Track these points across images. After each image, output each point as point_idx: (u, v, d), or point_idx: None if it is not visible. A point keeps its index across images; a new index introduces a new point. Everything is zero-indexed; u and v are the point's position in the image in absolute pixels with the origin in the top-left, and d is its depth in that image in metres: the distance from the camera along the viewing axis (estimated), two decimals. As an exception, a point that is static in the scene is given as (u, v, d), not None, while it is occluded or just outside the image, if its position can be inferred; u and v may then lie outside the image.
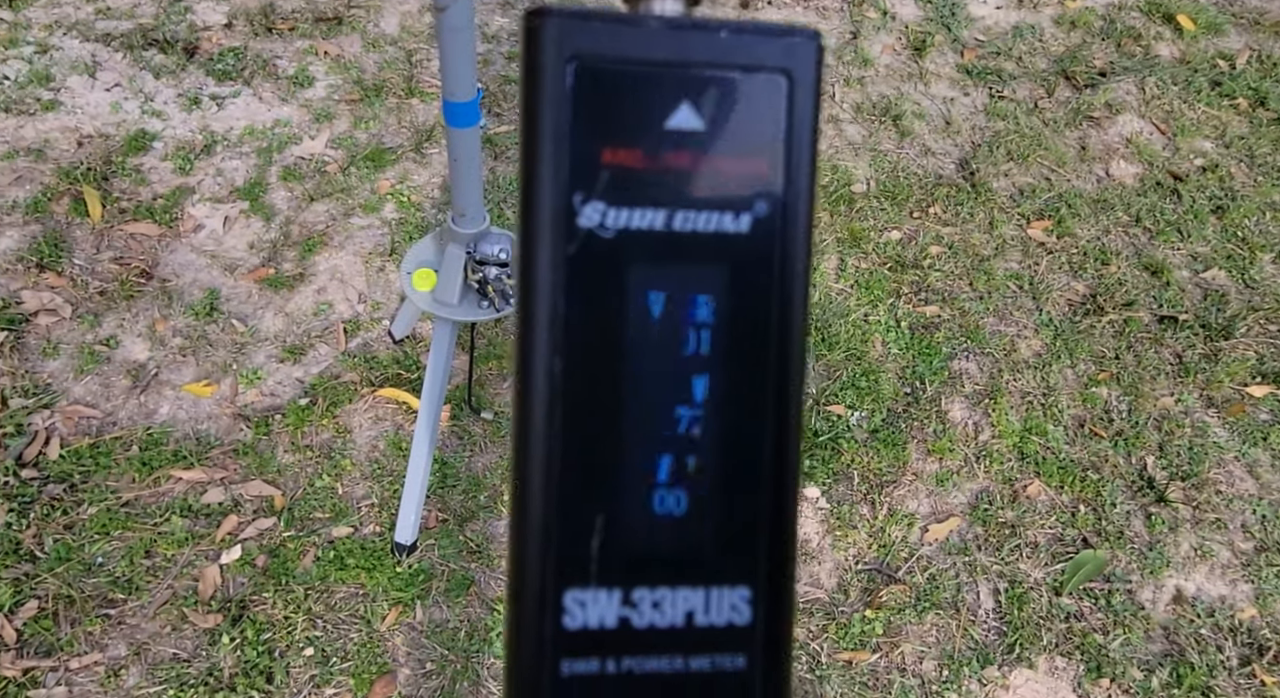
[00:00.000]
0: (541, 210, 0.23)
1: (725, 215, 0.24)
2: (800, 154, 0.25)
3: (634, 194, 0.24)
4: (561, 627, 0.24)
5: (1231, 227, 2.71)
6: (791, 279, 0.25)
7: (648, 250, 0.24)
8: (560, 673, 0.24)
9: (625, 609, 0.24)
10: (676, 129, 0.24)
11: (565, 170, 0.23)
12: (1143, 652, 1.87)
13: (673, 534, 0.24)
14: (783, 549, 0.25)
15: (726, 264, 0.24)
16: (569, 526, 0.24)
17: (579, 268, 0.23)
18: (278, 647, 1.68)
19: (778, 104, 0.25)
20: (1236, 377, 2.33)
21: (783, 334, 0.25)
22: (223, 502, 1.84)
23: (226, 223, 2.31)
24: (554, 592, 0.24)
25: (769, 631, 0.25)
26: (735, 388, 0.24)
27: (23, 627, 1.63)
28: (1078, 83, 3.10)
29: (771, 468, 0.25)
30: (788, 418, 0.25)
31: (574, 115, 0.23)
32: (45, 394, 1.93)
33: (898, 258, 2.48)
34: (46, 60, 2.59)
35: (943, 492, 2.06)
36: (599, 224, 0.24)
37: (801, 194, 0.25)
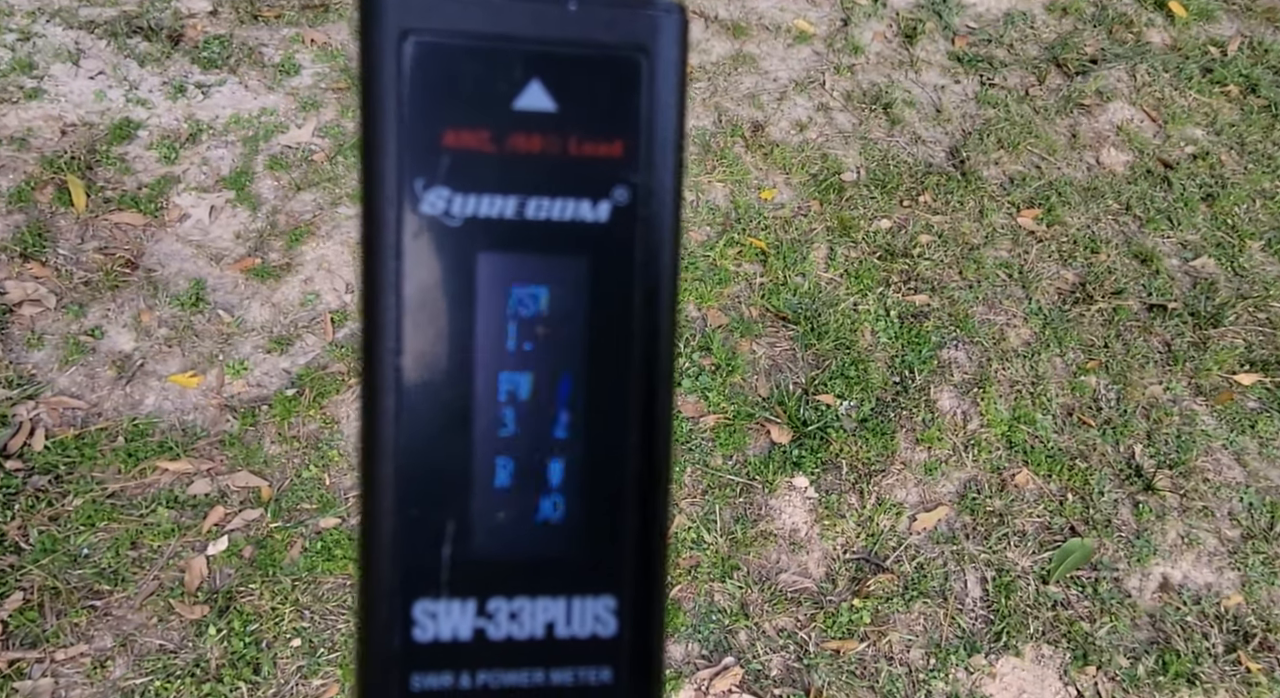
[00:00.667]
0: (382, 197, 0.22)
1: (582, 203, 0.23)
2: (663, 137, 0.23)
3: (482, 179, 0.22)
4: (411, 639, 0.22)
5: (1221, 214, 2.71)
6: (656, 271, 0.23)
7: (498, 240, 0.22)
8: (410, 688, 0.22)
9: (480, 620, 0.23)
10: (526, 110, 0.22)
11: (405, 155, 0.22)
12: (1129, 640, 1.88)
13: (531, 541, 0.23)
14: (652, 555, 0.24)
15: (585, 255, 0.23)
16: (417, 534, 0.22)
17: (424, 257, 0.22)
18: (265, 638, 1.68)
19: (635, 83, 0.23)
20: (1225, 365, 2.33)
21: (648, 329, 0.23)
22: (209, 493, 1.83)
23: (212, 213, 2.29)
24: (403, 603, 0.22)
25: (637, 642, 0.24)
26: (599, 387, 0.23)
27: (8, 619, 1.62)
28: (1069, 70, 3.09)
29: (638, 470, 0.23)
30: (655, 418, 0.24)
31: (413, 94, 0.21)
32: (30, 385, 1.92)
33: (887, 247, 2.47)
34: (29, 48, 2.56)
35: (931, 481, 2.06)
36: (444, 212, 0.22)
37: (666, 180, 0.23)
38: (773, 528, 1.95)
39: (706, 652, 1.77)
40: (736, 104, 2.80)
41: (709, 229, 2.45)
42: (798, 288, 2.35)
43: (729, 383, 2.14)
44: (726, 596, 1.84)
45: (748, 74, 2.90)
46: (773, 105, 2.82)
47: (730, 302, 2.31)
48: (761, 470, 2.01)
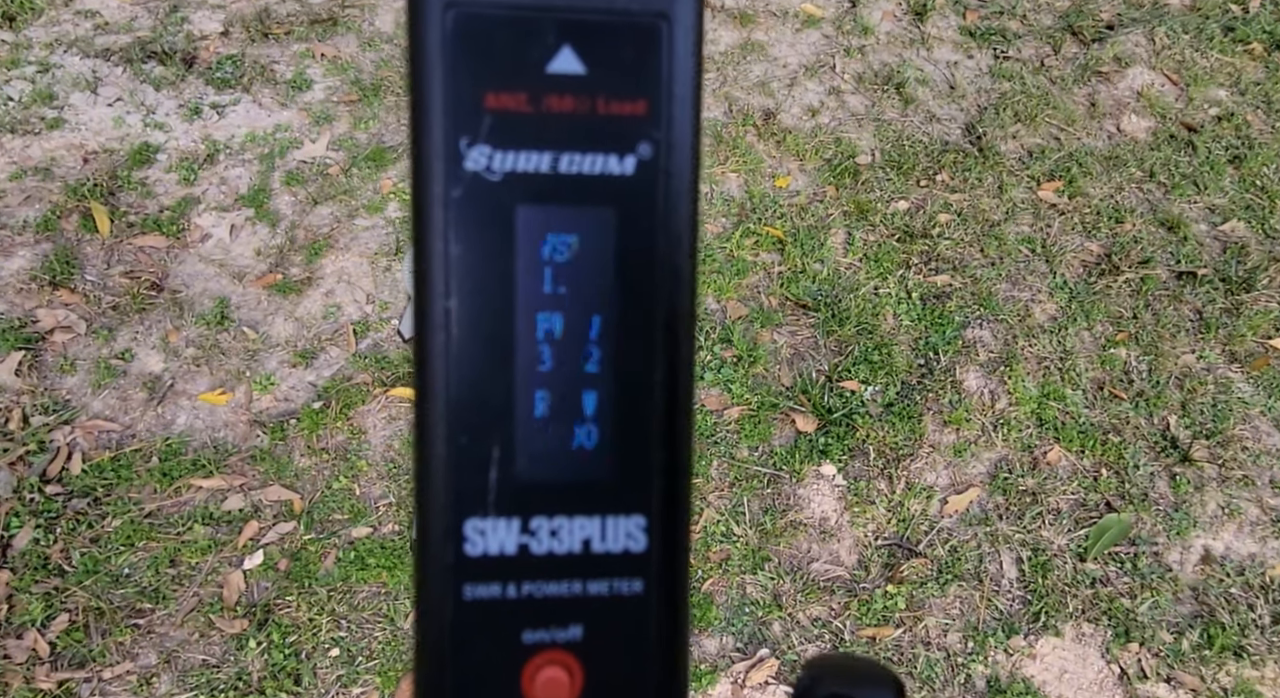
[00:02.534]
0: (429, 155, 0.24)
1: (610, 157, 0.25)
2: (682, 97, 0.25)
3: (519, 137, 0.24)
4: (463, 554, 0.25)
5: (1250, 176, 2.64)
6: (677, 219, 0.25)
7: (535, 193, 0.24)
8: (463, 596, 0.25)
9: (524, 537, 0.25)
10: (558, 73, 0.24)
11: (450, 116, 0.24)
12: (1172, 614, 1.85)
13: (568, 466, 0.25)
14: (677, 478, 0.26)
15: (613, 205, 0.25)
16: (466, 458, 0.25)
17: (468, 211, 0.24)
18: (304, 649, 1.71)
19: (658, 48, 0.25)
20: (1259, 329, 2.28)
21: (671, 271, 0.25)
22: (243, 508, 1.86)
23: (233, 231, 2.32)
24: (455, 521, 0.25)
25: (665, 557, 0.26)
26: (626, 325, 0.25)
27: (55, 640, 1.66)
28: (1085, 38, 3.03)
29: (664, 402, 0.26)
30: (678, 354, 0.26)
31: (455, 61, 0.24)
32: (65, 410, 1.96)
33: (906, 228, 2.45)
34: (49, 79, 2.61)
35: (961, 463, 2.04)
36: (485, 167, 0.24)
37: (685, 136, 0.25)
38: (802, 518, 1.94)
39: (741, 644, 1.77)
40: (747, 93, 2.78)
41: (725, 220, 2.44)
42: (817, 275, 2.33)
43: (751, 374, 2.13)
44: (759, 587, 1.84)
45: (757, 62, 2.88)
46: (783, 92, 2.79)
47: (749, 292, 2.30)
48: (788, 460, 2.00)
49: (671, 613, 0.26)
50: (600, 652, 0.25)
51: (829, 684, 0.27)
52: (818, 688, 0.27)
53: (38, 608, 1.68)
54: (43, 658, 1.64)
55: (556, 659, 0.25)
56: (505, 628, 0.25)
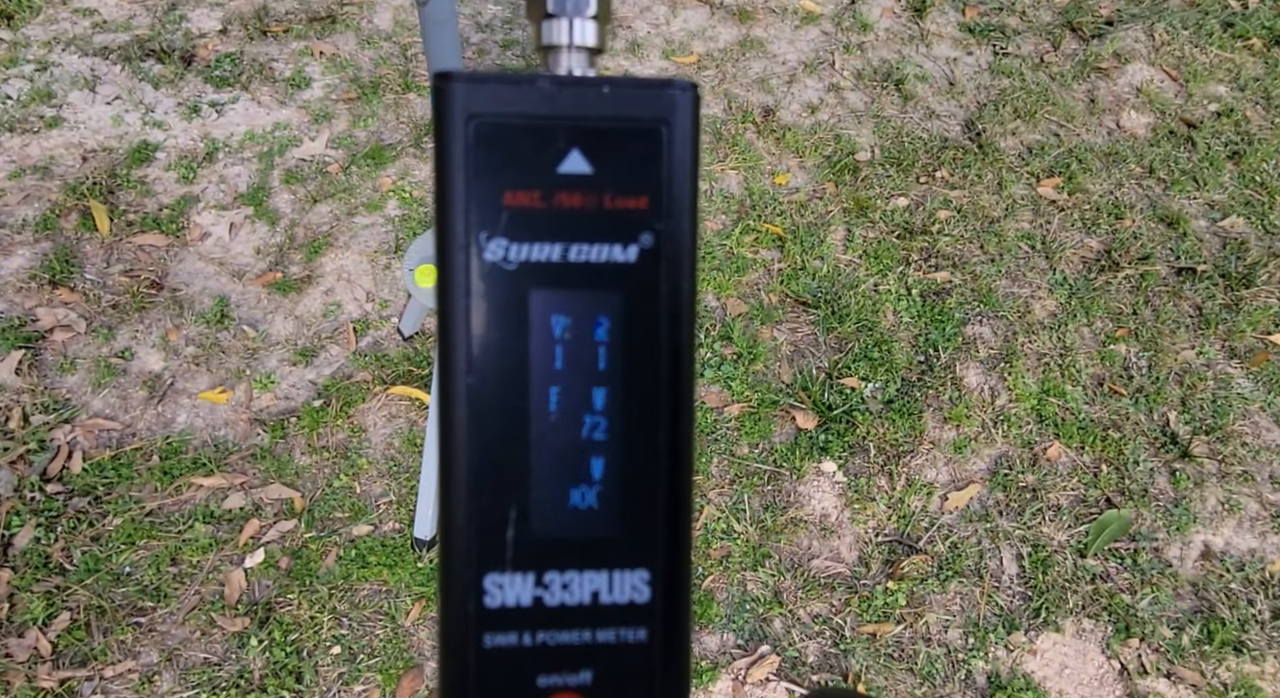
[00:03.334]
0: (453, 248, 0.26)
1: (615, 247, 0.27)
2: (680, 192, 0.28)
3: (533, 231, 0.27)
4: (483, 606, 0.27)
5: (1249, 172, 2.64)
6: (678, 300, 0.28)
7: (547, 279, 0.27)
8: (483, 645, 0.27)
9: (538, 590, 0.27)
10: (568, 173, 0.27)
11: (472, 213, 0.26)
12: (1172, 610, 1.86)
13: (578, 525, 0.28)
14: (679, 535, 0.28)
15: (618, 289, 0.27)
16: (487, 519, 0.27)
17: (487, 296, 0.27)
18: (305, 647, 1.71)
19: (657, 149, 0.27)
20: (1259, 325, 2.28)
21: (672, 348, 0.28)
22: (244, 506, 1.86)
23: (232, 229, 2.32)
24: (476, 576, 0.27)
25: (667, 607, 0.28)
26: (632, 397, 0.28)
27: (56, 639, 1.66)
28: (1084, 34, 3.03)
29: (667, 465, 0.28)
30: (680, 420, 0.28)
31: (477, 164, 0.26)
32: (65, 409, 1.96)
33: (906, 225, 2.45)
34: (47, 77, 2.61)
35: (961, 459, 2.04)
36: (503, 258, 0.27)
37: (683, 226, 0.28)
38: (802, 514, 1.94)
39: (742, 641, 1.78)
40: (746, 90, 2.78)
41: (724, 218, 2.44)
42: (816, 272, 2.33)
43: (751, 371, 2.13)
44: (759, 584, 1.84)
45: (756, 59, 2.87)
46: (783, 89, 2.79)
47: (749, 289, 2.30)
48: (788, 457, 2.00)
49: (673, 659, 0.28)
50: (608, 694, 0.28)
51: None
52: None
53: (39, 607, 1.68)
54: (44, 657, 1.64)
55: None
56: (521, 673, 0.27)
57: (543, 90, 0.27)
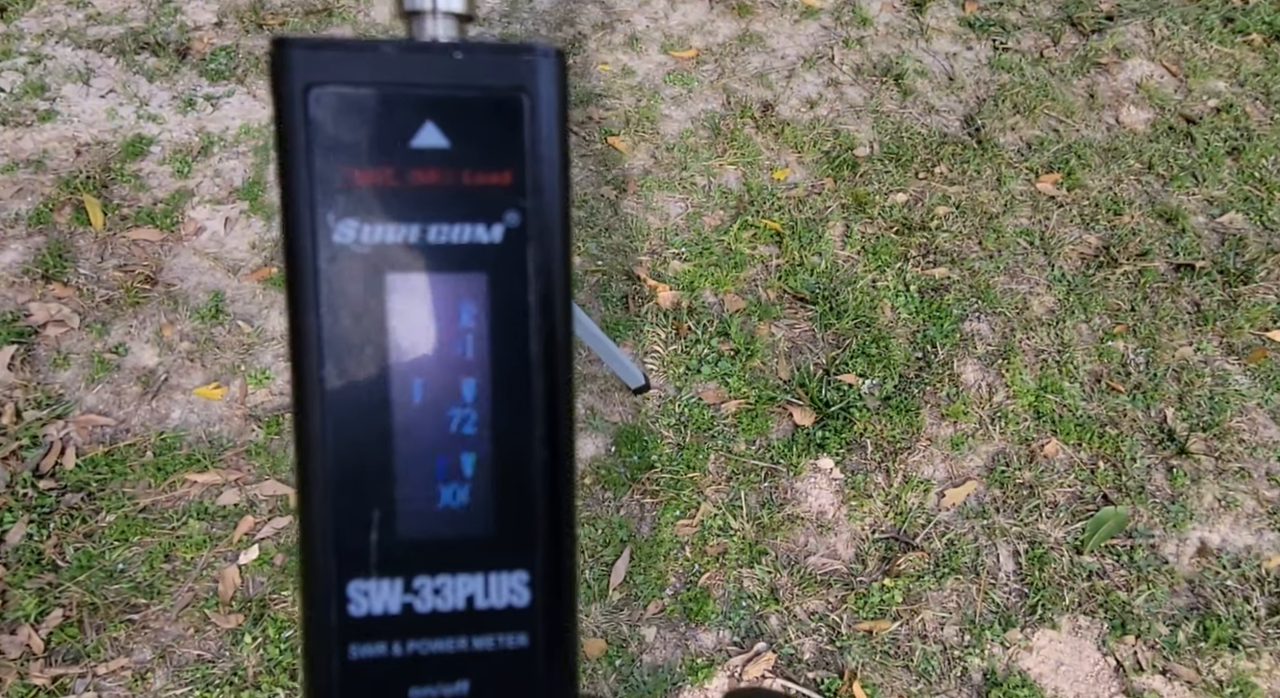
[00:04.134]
0: (299, 230, 0.25)
1: (478, 226, 0.25)
2: (548, 166, 0.26)
3: (387, 211, 0.25)
4: (347, 615, 0.25)
5: (1248, 168, 2.64)
6: (549, 282, 0.26)
7: (405, 262, 0.25)
8: (349, 656, 0.25)
9: (408, 596, 0.26)
10: (423, 147, 0.25)
11: (318, 192, 0.24)
12: (1168, 606, 1.85)
13: (449, 525, 0.26)
14: (559, 534, 0.26)
15: (483, 272, 0.25)
16: (348, 522, 0.25)
17: (338, 281, 0.25)
18: (299, 644, 1.70)
19: (519, 119, 0.25)
20: (1257, 322, 2.28)
21: (545, 333, 0.26)
22: (238, 503, 1.85)
23: (227, 224, 2.31)
24: (339, 583, 0.25)
25: (549, 610, 0.27)
26: (501, 387, 0.26)
27: (49, 636, 1.66)
28: (1084, 29, 3.02)
29: (544, 460, 0.26)
30: (556, 412, 0.26)
31: (320, 139, 0.24)
32: (58, 405, 1.95)
33: (904, 221, 2.44)
34: (40, 70, 2.59)
35: (958, 456, 2.03)
36: (354, 240, 0.25)
37: (552, 203, 0.26)
38: (799, 511, 1.94)
39: (738, 638, 1.77)
40: (744, 84, 2.77)
41: (722, 213, 2.43)
42: (815, 267, 2.32)
43: (749, 367, 2.12)
44: (755, 581, 1.84)
45: (755, 53, 2.86)
46: (781, 83, 2.78)
47: (747, 285, 2.29)
48: (785, 454, 2.00)
49: (557, 665, 0.26)
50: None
51: None
52: None
53: (31, 603, 1.68)
54: (36, 654, 1.63)
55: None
56: (392, 685, 0.26)
57: (388, 56, 0.24)
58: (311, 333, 0.25)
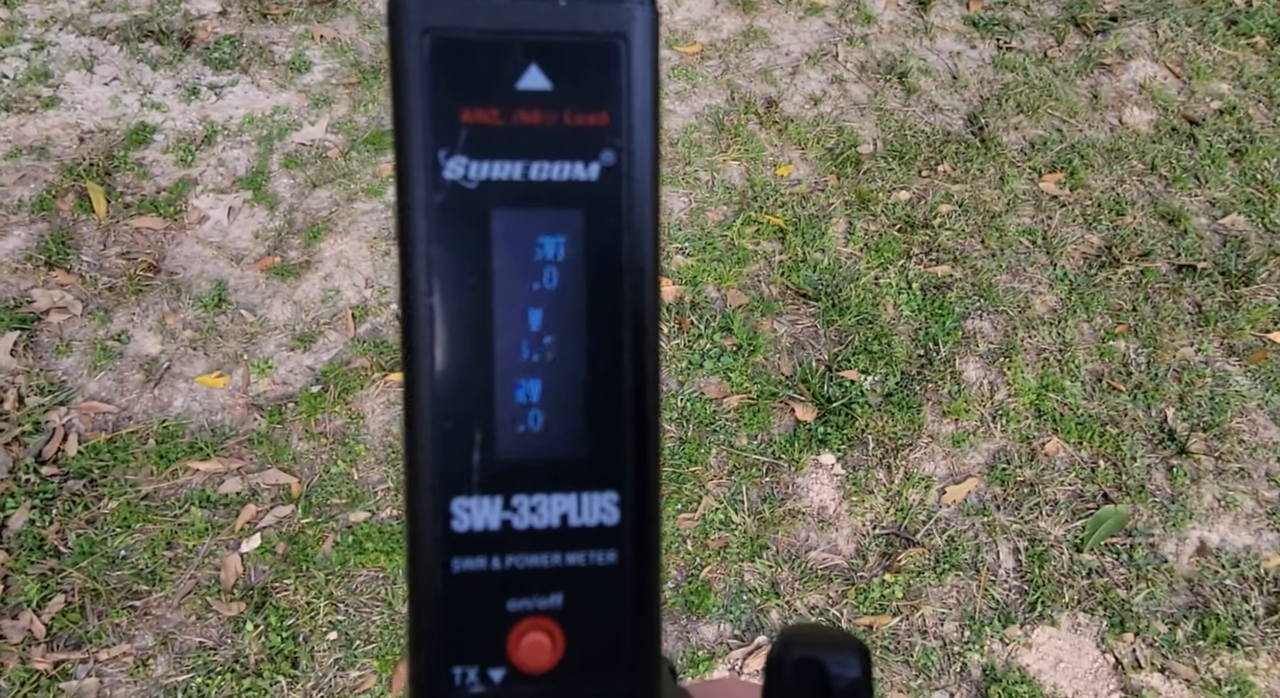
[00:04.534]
0: (411, 166, 0.26)
1: (576, 164, 0.27)
2: (641, 108, 0.27)
3: (493, 148, 0.26)
4: (450, 530, 0.27)
5: (1250, 170, 2.64)
6: (640, 218, 0.27)
7: (508, 198, 0.27)
8: (451, 569, 0.27)
9: (506, 513, 0.27)
10: (527, 89, 0.26)
11: (430, 130, 0.26)
12: (1167, 605, 1.86)
13: (545, 447, 0.27)
14: (646, 458, 0.28)
15: (580, 208, 0.27)
16: (452, 442, 0.27)
17: (447, 215, 0.26)
18: (301, 632, 1.70)
19: (617, 64, 0.27)
20: (1258, 323, 2.29)
21: (636, 267, 0.27)
22: (240, 491, 1.85)
23: (231, 213, 2.31)
24: (442, 500, 0.27)
25: (636, 529, 0.28)
26: (595, 317, 0.27)
27: (51, 621, 1.66)
28: (1088, 29, 3.02)
29: (632, 386, 0.28)
30: (644, 341, 0.28)
31: (433, 81, 0.26)
32: (61, 391, 1.95)
33: (907, 218, 2.44)
34: (44, 57, 2.58)
35: (959, 453, 2.04)
36: (463, 176, 0.26)
37: (645, 144, 0.27)
38: (801, 506, 1.94)
39: (739, 632, 1.78)
40: (749, 81, 2.77)
41: (726, 208, 2.44)
42: (817, 264, 2.32)
43: (751, 363, 2.13)
44: (756, 575, 1.84)
45: (759, 49, 2.86)
46: (786, 80, 2.78)
47: (750, 281, 2.29)
48: (787, 449, 2.00)
49: (643, 580, 0.28)
50: (579, 618, 0.27)
51: (799, 650, 0.29)
52: (789, 654, 0.29)
53: (33, 589, 1.68)
54: (39, 639, 1.63)
55: (539, 625, 0.27)
56: (491, 597, 0.27)
57: (498, 4, 0.26)
58: (421, 262, 0.26)
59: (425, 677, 0.27)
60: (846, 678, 0.28)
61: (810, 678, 0.29)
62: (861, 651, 0.29)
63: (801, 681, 0.29)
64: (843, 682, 0.28)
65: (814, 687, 0.29)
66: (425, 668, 0.27)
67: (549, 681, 0.27)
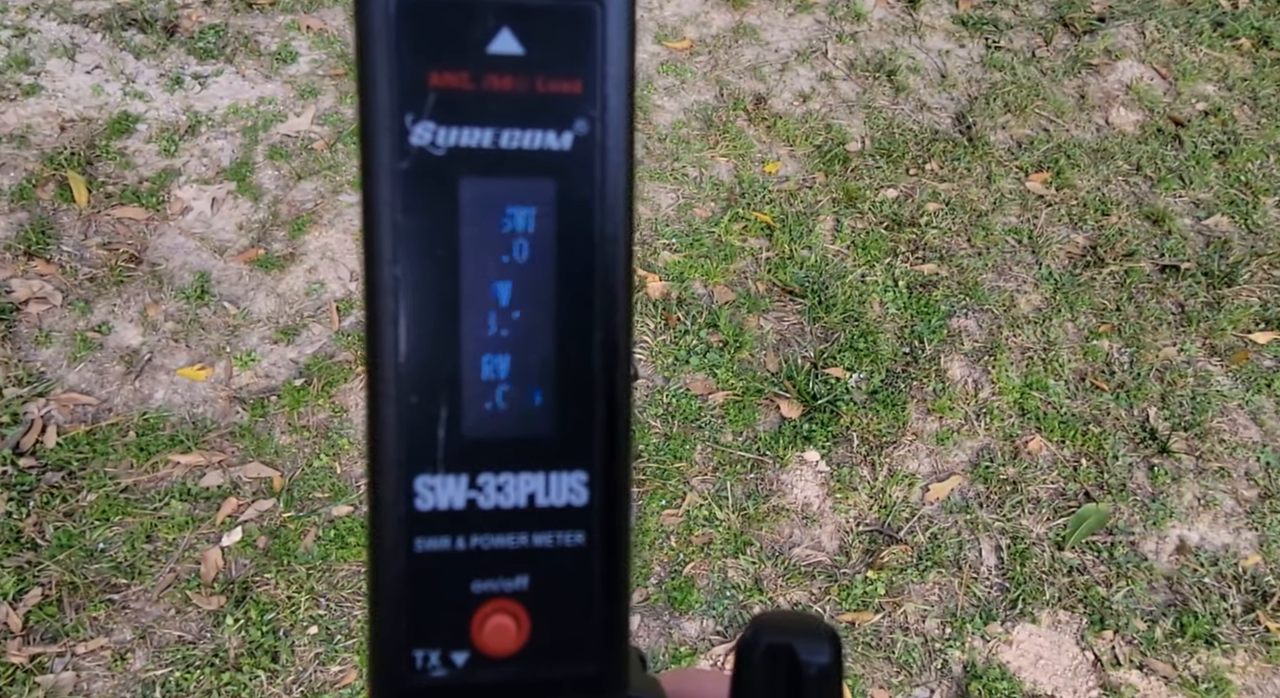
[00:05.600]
0: (377, 130, 0.25)
1: (548, 133, 0.26)
2: (616, 77, 0.26)
3: (462, 114, 0.26)
4: (414, 508, 0.26)
5: (1234, 171, 2.66)
6: (614, 190, 0.27)
7: (477, 166, 0.26)
8: (414, 549, 0.26)
9: (472, 492, 0.26)
10: (498, 53, 0.26)
11: (396, 93, 0.25)
12: (1146, 603, 1.87)
13: (513, 425, 0.27)
14: (616, 436, 0.27)
15: (552, 178, 0.26)
16: (416, 418, 0.26)
17: (413, 182, 0.25)
18: (282, 626, 1.69)
19: (592, 30, 0.26)
20: (1240, 324, 2.30)
21: (609, 240, 0.27)
22: (221, 485, 1.84)
23: (214, 204, 2.29)
24: (406, 478, 0.26)
25: (605, 509, 0.27)
26: (565, 292, 0.27)
27: (28, 614, 1.64)
28: (1076, 29, 3.03)
29: (602, 362, 0.27)
30: (615, 316, 0.27)
31: (400, 42, 0.25)
32: (40, 382, 1.93)
33: (894, 216, 2.44)
34: (25, 44, 2.55)
35: (943, 451, 2.05)
36: (430, 142, 0.25)
37: (619, 114, 0.27)
38: (785, 503, 1.94)
39: (721, 628, 1.78)
40: (738, 77, 2.76)
41: (713, 204, 2.43)
42: (804, 261, 2.32)
43: (737, 359, 2.13)
44: (740, 571, 1.84)
45: (749, 46, 2.86)
46: (775, 77, 2.78)
47: (737, 277, 2.29)
48: (772, 446, 2.00)
49: (612, 563, 0.27)
50: (545, 600, 0.27)
51: (770, 636, 0.29)
52: (759, 639, 0.29)
53: (9, 582, 1.66)
54: (15, 632, 1.62)
55: (504, 608, 0.27)
56: (455, 578, 0.26)
57: None
58: (386, 231, 0.25)
59: (385, 659, 0.26)
60: (817, 664, 0.28)
61: (781, 664, 0.28)
62: (833, 637, 0.29)
63: (772, 666, 0.28)
64: (813, 668, 0.28)
65: (784, 673, 0.28)
66: (385, 650, 0.26)
67: (514, 664, 0.27)
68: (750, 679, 0.29)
